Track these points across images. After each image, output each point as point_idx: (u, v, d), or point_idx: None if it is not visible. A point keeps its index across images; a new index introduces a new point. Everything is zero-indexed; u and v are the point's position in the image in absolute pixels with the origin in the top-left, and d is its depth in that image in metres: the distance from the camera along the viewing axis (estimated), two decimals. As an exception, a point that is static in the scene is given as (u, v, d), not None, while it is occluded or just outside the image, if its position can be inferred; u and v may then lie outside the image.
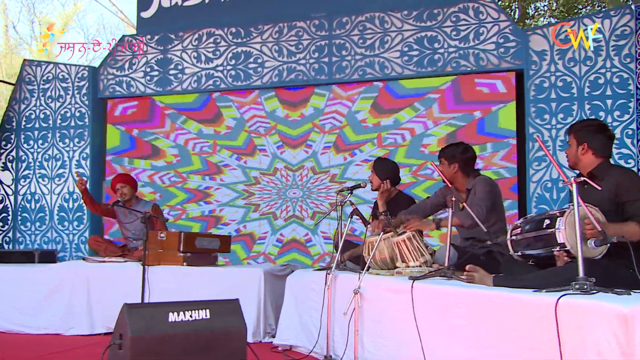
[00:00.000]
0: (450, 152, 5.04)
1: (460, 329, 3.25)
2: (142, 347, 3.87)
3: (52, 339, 5.90)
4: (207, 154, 8.90)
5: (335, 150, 8.46)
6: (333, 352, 4.44)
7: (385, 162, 5.71)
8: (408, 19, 8.28)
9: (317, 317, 4.71)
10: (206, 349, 4.08)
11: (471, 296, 3.25)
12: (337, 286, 4.47)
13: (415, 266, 4.18)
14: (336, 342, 4.43)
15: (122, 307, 4.03)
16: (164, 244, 5.96)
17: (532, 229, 3.57)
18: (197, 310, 4.16)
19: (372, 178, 5.59)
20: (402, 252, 4.25)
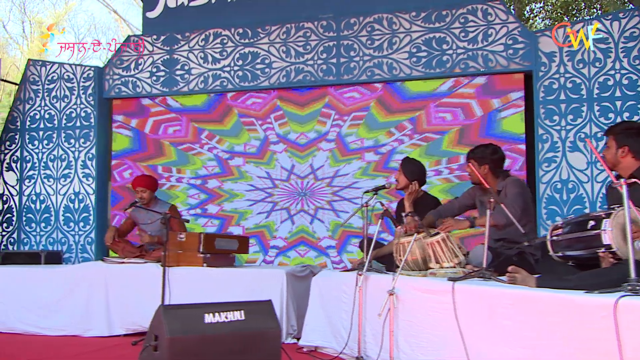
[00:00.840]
0: (480, 154, 5.05)
1: (507, 330, 3.27)
2: (179, 348, 3.87)
3: (71, 341, 5.86)
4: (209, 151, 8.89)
5: (345, 150, 8.47)
6: (364, 354, 4.44)
7: (413, 163, 5.71)
8: (416, 20, 8.30)
9: (346, 318, 4.71)
10: (242, 350, 4.08)
11: (519, 297, 3.27)
12: (368, 287, 4.48)
13: (450, 267, 4.20)
14: (368, 344, 4.44)
15: (158, 308, 4.03)
16: (183, 245, 5.94)
17: (574, 230, 3.59)
18: (232, 311, 4.17)
19: (399, 177, 5.60)
20: (436, 253, 4.26)
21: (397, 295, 4.04)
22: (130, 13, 32.78)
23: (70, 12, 25.26)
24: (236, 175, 8.81)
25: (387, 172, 8.22)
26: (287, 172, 8.64)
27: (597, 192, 7.48)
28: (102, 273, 6.11)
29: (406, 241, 4.42)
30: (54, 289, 6.20)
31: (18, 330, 6.19)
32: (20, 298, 6.25)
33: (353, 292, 4.64)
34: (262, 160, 8.75)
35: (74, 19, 25.84)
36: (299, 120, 8.68)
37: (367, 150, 8.39)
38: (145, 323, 5.83)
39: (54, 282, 6.24)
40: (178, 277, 5.80)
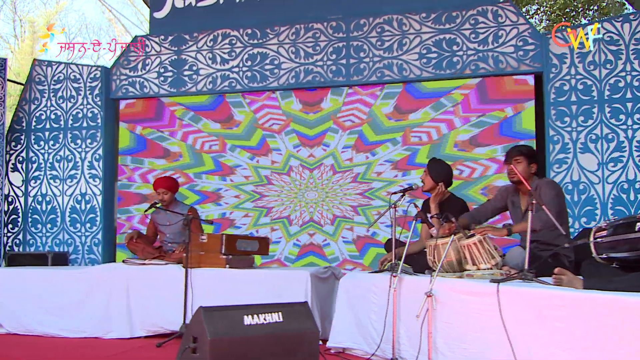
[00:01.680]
0: (531, 152, 5.04)
1: (558, 332, 3.28)
2: (221, 350, 3.86)
3: (92, 343, 5.81)
4: (216, 152, 8.85)
5: (355, 149, 8.46)
6: (399, 355, 4.44)
7: (439, 164, 5.71)
8: (426, 21, 8.33)
9: (377, 319, 4.71)
10: (281, 351, 4.07)
11: (571, 299, 3.28)
12: (402, 288, 4.48)
13: (487, 269, 4.22)
14: (402, 345, 4.44)
15: (198, 310, 4.01)
16: (205, 246, 5.92)
17: (619, 232, 3.61)
18: (270, 312, 4.16)
19: (425, 179, 5.59)
20: (473, 255, 4.27)
21: (435, 297, 4.04)
22: (124, 12, 32.63)
23: (62, 11, 25.10)
24: (239, 176, 8.79)
25: (401, 170, 8.24)
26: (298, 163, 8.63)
27: (608, 194, 7.53)
28: (123, 274, 6.06)
29: (441, 243, 4.42)
30: (74, 291, 6.15)
31: (37, 332, 6.14)
32: (39, 300, 6.19)
33: (384, 294, 4.64)
34: (266, 158, 8.73)
35: (64, 19, 25.63)
36: (307, 122, 8.67)
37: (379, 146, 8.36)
38: (167, 325, 5.84)
39: (74, 284, 6.18)
40: (200, 279, 5.77)
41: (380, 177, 8.35)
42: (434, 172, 5.54)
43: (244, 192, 8.78)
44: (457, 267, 4.42)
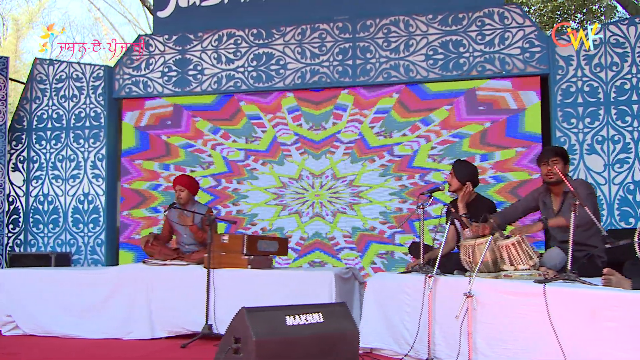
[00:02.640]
0: (566, 153, 5.07)
1: (612, 332, 3.32)
2: (266, 350, 3.85)
3: (114, 344, 5.78)
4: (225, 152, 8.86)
5: (359, 152, 8.49)
6: (434, 356, 4.47)
7: (465, 165, 5.74)
8: (433, 23, 8.37)
9: (410, 320, 4.73)
10: (322, 351, 4.08)
11: (625, 299, 3.32)
12: (437, 289, 4.51)
13: (525, 269, 4.26)
14: (437, 345, 4.47)
15: (240, 310, 4.01)
16: (226, 247, 5.90)
17: (665, 232, 3.67)
18: (311, 313, 4.17)
19: (451, 180, 5.62)
20: (511, 256, 4.31)
21: (475, 297, 4.07)
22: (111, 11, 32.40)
23: (44, 9, 24.88)
24: (245, 175, 8.77)
25: (409, 172, 8.27)
26: (299, 170, 8.62)
27: (614, 194, 7.63)
28: (144, 275, 6.03)
29: (476, 243, 4.45)
30: (94, 292, 6.10)
31: (56, 333, 6.08)
32: (57, 301, 6.14)
33: (418, 295, 4.66)
34: (274, 160, 8.71)
35: (47, 17, 25.38)
36: (313, 118, 8.68)
37: (387, 148, 8.39)
38: (188, 325, 5.82)
39: (94, 285, 6.13)
40: (222, 279, 5.76)
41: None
42: (459, 174, 5.57)
43: (249, 193, 8.77)
44: (492, 267, 4.45)
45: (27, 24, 24.16)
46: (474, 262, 4.47)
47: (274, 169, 8.70)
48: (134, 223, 9.04)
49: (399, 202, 8.29)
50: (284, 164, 8.69)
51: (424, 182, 8.22)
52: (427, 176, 8.23)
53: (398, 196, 8.30)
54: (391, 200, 8.32)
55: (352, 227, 8.42)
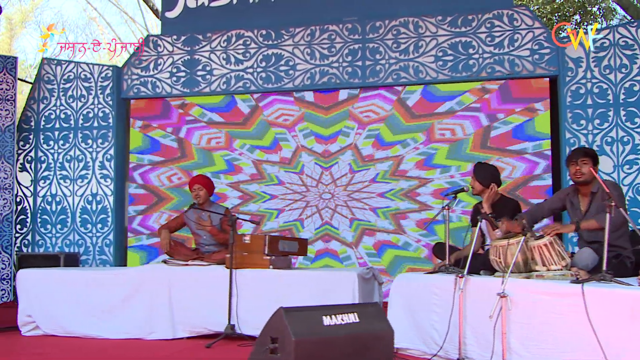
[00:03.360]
0: (595, 154, 5.11)
1: (653, 331, 3.38)
2: (305, 350, 3.88)
3: (136, 344, 5.76)
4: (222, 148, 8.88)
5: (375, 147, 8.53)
6: (465, 356, 4.51)
7: (485, 167, 5.78)
8: (442, 24, 8.42)
9: (439, 320, 4.76)
10: (359, 351, 4.11)
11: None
12: (467, 289, 4.54)
13: (557, 269, 4.30)
14: (468, 346, 4.51)
15: (278, 310, 4.03)
16: (248, 247, 5.91)
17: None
18: (347, 313, 4.20)
19: (473, 184, 5.66)
20: (543, 256, 4.35)
21: (507, 297, 4.10)
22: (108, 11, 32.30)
23: (37, 7, 24.77)
24: (255, 177, 8.80)
25: (417, 173, 8.32)
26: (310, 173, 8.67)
27: (623, 195, 7.70)
28: (165, 275, 6.01)
29: (507, 243, 4.49)
30: (115, 292, 6.07)
31: (77, 333, 6.04)
32: (78, 301, 6.11)
33: (447, 295, 4.69)
34: (284, 162, 8.75)
35: (40, 16, 25.28)
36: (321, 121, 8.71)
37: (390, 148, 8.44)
38: (210, 325, 5.83)
39: (115, 285, 6.10)
40: (244, 279, 5.76)
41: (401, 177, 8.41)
42: (480, 177, 5.61)
43: (257, 193, 8.79)
44: (523, 268, 4.49)
45: (20, 23, 24.04)
46: (504, 262, 4.50)
47: (284, 170, 8.71)
48: (141, 224, 9.03)
49: (410, 203, 8.33)
50: (294, 166, 8.70)
51: (431, 183, 8.26)
52: (437, 177, 8.26)
53: (403, 198, 8.34)
54: (400, 201, 8.36)
55: (362, 228, 8.45)
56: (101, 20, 22.14)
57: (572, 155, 5.05)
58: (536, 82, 8.17)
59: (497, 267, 4.62)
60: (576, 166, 4.98)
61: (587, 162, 4.96)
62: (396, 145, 8.45)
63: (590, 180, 4.97)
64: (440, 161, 8.28)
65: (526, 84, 8.18)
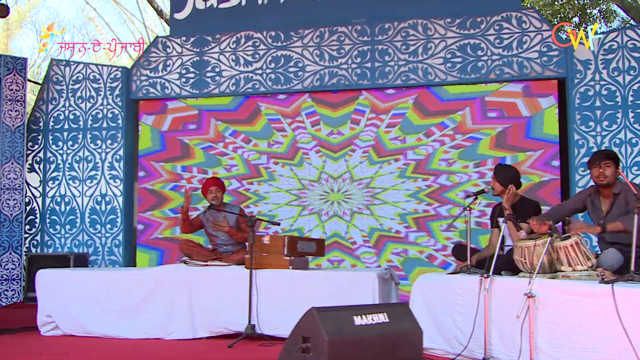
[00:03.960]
0: (617, 157, 5.17)
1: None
2: (338, 350, 3.93)
3: (157, 344, 5.81)
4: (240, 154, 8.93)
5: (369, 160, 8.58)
6: (490, 355, 4.57)
7: (506, 168, 5.84)
8: (451, 26, 8.48)
9: (463, 320, 4.82)
10: (389, 351, 4.16)
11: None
12: (492, 290, 4.60)
13: (583, 270, 4.36)
14: (493, 345, 4.57)
15: (309, 310, 4.07)
16: (267, 248, 5.96)
17: None
18: (377, 313, 4.25)
19: (494, 185, 5.72)
20: (569, 256, 4.41)
21: (535, 298, 4.17)
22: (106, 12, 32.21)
23: (34, 8, 24.68)
24: (264, 177, 8.84)
25: (427, 173, 8.38)
26: (318, 171, 8.70)
27: (631, 196, 7.77)
28: (185, 276, 6.05)
29: (532, 244, 4.55)
30: (134, 292, 6.10)
31: (97, 333, 6.08)
32: (98, 301, 6.14)
33: (471, 295, 4.75)
34: (293, 162, 8.79)
35: (35, 16, 25.18)
36: (331, 122, 8.75)
37: (404, 151, 8.49)
38: (230, 325, 5.88)
39: (134, 286, 6.14)
40: (264, 280, 5.81)
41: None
42: (500, 178, 5.67)
43: (266, 194, 8.83)
44: (548, 268, 4.55)
45: (17, 23, 23.97)
46: (529, 262, 4.56)
47: (293, 170, 8.77)
48: (151, 224, 9.06)
49: (415, 204, 8.39)
50: (302, 166, 8.75)
51: (440, 183, 8.33)
52: (444, 178, 8.33)
53: (415, 198, 8.41)
54: (408, 201, 8.42)
55: (370, 227, 8.51)
56: (100, 20, 22.01)
57: (594, 158, 5.11)
58: (545, 84, 8.22)
59: (522, 268, 4.67)
60: (599, 169, 5.05)
61: (609, 165, 5.03)
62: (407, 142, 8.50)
63: (612, 183, 5.04)
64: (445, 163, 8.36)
65: (535, 85, 8.23)
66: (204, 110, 9.08)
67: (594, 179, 5.12)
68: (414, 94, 8.55)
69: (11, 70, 8.85)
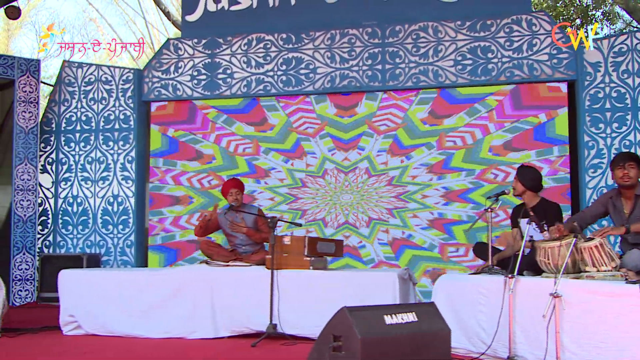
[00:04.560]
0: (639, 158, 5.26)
1: None
2: (370, 348, 4.00)
3: (181, 343, 5.86)
4: (250, 154, 8.99)
5: (391, 153, 8.65)
6: (515, 354, 4.65)
7: (528, 170, 5.91)
8: (461, 29, 8.57)
9: (487, 319, 4.90)
10: (419, 350, 4.24)
11: None
12: (516, 290, 4.69)
13: (607, 270, 4.45)
14: (518, 344, 4.65)
15: (341, 310, 4.14)
16: (287, 248, 6.03)
17: None
18: (406, 312, 4.33)
19: (515, 185, 5.80)
20: (593, 257, 4.50)
21: (562, 298, 4.25)
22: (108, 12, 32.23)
23: (34, 8, 24.71)
24: (271, 177, 8.92)
25: (445, 172, 8.48)
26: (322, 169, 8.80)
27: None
28: (207, 276, 6.12)
29: (559, 245, 4.63)
30: (156, 292, 6.16)
31: (119, 333, 6.13)
32: (121, 301, 6.20)
33: (494, 295, 4.83)
34: (301, 160, 8.87)
35: (35, 16, 25.19)
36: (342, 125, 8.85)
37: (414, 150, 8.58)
38: (252, 325, 5.95)
39: (156, 286, 6.19)
40: (285, 280, 5.88)
41: (415, 180, 8.54)
42: (523, 178, 5.75)
43: (279, 195, 8.90)
44: (571, 268, 4.63)
45: (17, 23, 23.97)
46: (552, 263, 4.65)
47: (301, 168, 8.85)
48: (161, 225, 9.14)
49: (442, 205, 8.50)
50: (311, 165, 8.82)
51: (449, 184, 8.42)
52: (454, 179, 8.42)
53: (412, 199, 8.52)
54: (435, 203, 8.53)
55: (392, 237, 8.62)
56: (102, 21, 22.06)
57: (618, 160, 5.18)
58: (556, 86, 8.31)
59: (545, 269, 4.76)
60: (623, 170, 5.12)
61: (633, 166, 5.11)
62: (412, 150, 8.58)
63: (635, 184, 5.12)
64: (457, 164, 8.44)
65: (545, 87, 8.32)
66: (213, 110, 9.13)
67: (618, 180, 5.19)
68: (423, 96, 8.62)
69: (25, 72, 8.91)
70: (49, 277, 8.49)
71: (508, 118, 8.40)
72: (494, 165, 8.36)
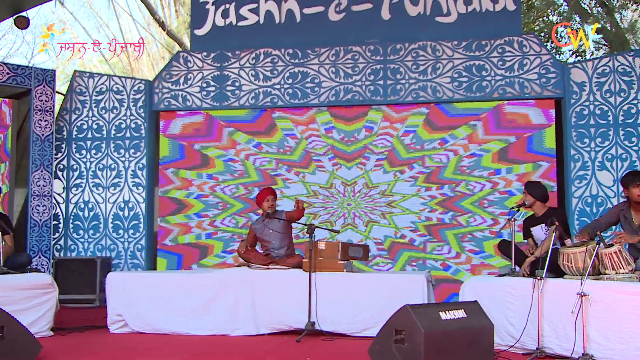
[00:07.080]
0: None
1: None
2: (431, 340, 4.57)
3: (225, 340, 6.34)
4: (265, 167, 9.53)
5: (386, 166, 9.27)
6: (543, 346, 5.28)
7: (536, 184, 6.59)
8: (458, 48, 9.23)
9: (515, 316, 5.49)
10: (469, 343, 4.83)
11: None
12: (545, 290, 5.33)
13: (626, 273, 5.12)
14: (545, 337, 5.28)
15: (404, 307, 4.71)
16: (322, 253, 6.59)
17: None
18: (456, 309, 4.92)
19: (526, 197, 6.46)
20: (613, 262, 5.16)
21: (589, 296, 4.90)
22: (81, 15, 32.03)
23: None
24: (278, 185, 9.43)
25: (438, 183, 9.11)
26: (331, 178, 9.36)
27: (622, 206, 8.64)
28: (249, 277, 6.65)
29: (578, 251, 5.29)
30: (200, 293, 6.65)
31: (164, 331, 6.58)
32: (166, 301, 6.64)
33: (523, 293, 5.45)
34: (307, 170, 9.42)
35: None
36: (346, 134, 9.42)
37: (416, 161, 9.20)
38: (290, 323, 6.49)
39: (200, 287, 6.69)
40: (321, 282, 6.41)
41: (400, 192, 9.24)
42: (531, 191, 6.44)
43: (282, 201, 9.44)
44: (591, 271, 5.28)
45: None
46: (575, 266, 5.30)
47: (306, 178, 9.39)
48: (169, 230, 9.57)
49: (428, 212, 9.11)
50: (315, 174, 9.37)
51: (451, 193, 9.07)
52: (455, 187, 9.07)
53: (427, 206, 9.12)
54: (421, 209, 9.13)
55: (384, 235, 9.19)
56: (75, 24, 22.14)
57: (635, 177, 5.81)
58: (544, 103, 9.02)
59: (568, 272, 5.41)
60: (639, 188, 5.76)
61: None
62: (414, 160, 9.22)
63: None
64: (449, 174, 9.14)
65: (534, 104, 9.03)
66: (221, 120, 9.60)
67: (635, 197, 5.80)
68: (424, 108, 9.26)
69: (41, 81, 9.24)
70: (63, 280, 8.82)
71: (498, 131, 9.08)
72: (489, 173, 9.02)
